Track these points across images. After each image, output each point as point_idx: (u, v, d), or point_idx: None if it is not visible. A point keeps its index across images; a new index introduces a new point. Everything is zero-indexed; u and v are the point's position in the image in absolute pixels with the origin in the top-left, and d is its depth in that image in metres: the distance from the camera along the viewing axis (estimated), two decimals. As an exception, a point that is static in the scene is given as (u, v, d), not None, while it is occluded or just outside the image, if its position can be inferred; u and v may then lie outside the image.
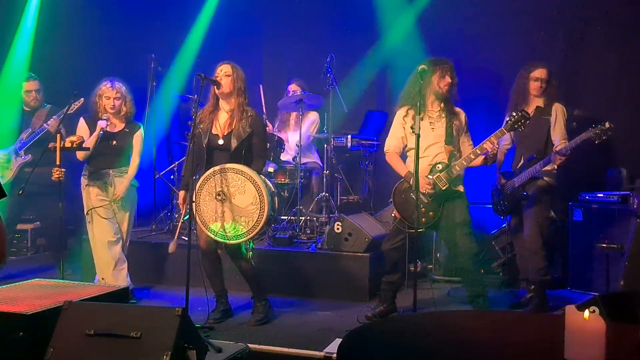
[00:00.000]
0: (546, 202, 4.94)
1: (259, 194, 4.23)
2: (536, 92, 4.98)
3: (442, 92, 4.48)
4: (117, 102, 5.00)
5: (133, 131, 5.10)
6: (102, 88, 5.03)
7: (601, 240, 5.27)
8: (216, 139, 4.47)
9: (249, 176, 4.26)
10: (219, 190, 4.30)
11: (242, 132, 4.42)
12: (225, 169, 4.31)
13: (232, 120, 4.47)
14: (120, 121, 5.10)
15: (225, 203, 4.30)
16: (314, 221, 6.14)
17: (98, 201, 5.03)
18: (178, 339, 2.90)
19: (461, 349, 1.94)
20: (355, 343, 1.99)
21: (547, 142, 4.93)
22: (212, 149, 4.48)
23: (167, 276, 5.73)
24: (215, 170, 4.34)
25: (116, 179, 5.04)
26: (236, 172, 4.29)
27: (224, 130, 4.48)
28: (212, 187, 4.33)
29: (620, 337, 1.90)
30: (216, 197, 4.31)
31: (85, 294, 3.51)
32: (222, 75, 4.46)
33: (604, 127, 4.51)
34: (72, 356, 2.92)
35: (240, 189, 4.27)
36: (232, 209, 4.28)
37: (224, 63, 4.53)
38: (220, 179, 4.31)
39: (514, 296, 5.31)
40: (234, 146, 4.40)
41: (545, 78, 4.96)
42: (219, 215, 4.31)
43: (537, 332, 2.13)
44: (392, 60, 6.86)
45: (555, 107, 4.96)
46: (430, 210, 4.43)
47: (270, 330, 4.44)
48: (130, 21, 7.50)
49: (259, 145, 4.53)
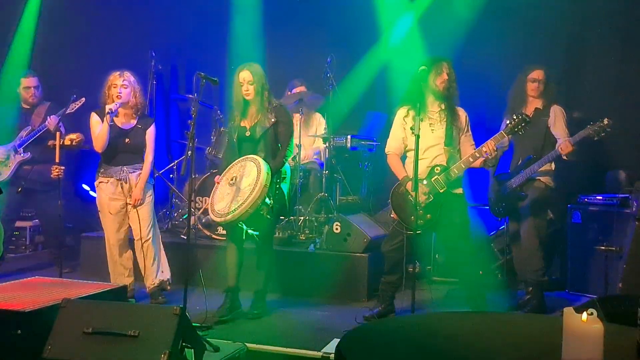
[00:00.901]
0: (543, 203, 4.96)
1: (257, 178, 4.39)
2: (534, 93, 5.00)
3: (439, 90, 4.46)
4: (125, 90, 4.86)
5: (145, 127, 4.99)
6: (110, 78, 4.91)
7: (600, 242, 5.28)
8: (244, 131, 4.72)
9: (257, 162, 4.48)
10: (233, 176, 4.56)
11: (266, 122, 4.66)
12: (246, 158, 4.59)
13: (258, 113, 4.70)
14: (131, 116, 4.96)
15: (233, 187, 4.52)
16: (312, 221, 6.14)
17: (111, 199, 4.90)
18: (176, 338, 2.90)
19: (459, 350, 1.94)
20: (353, 343, 1.99)
21: (544, 143, 4.94)
22: (241, 141, 4.74)
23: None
24: (239, 160, 4.62)
25: (130, 175, 4.90)
26: (251, 160, 4.54)
27: (251, 123, 4.71)
28: (231, 174, 4.59)
29: (618, 339, 1.90)
30: (229, 182, 4.56)
31: (83, 291, 3.52)
32: (246, 84, 4.65)
33: (602, 124, 4.52)
34: (70, 354, 2.92)
35: (247, 173, 4.51)
36: (235, 191, 4.49)
37: (244, 69, 4.67)
38: (239, 166, 4.58)
39: (512, 298, 5.30)
40: (259, 134, 4.64)
41: (542, 79, 4.99)
42: (224, 195, 4.54)
43: (535, 334, 2.13)
44: (392, 61, 6.86)
45: (554, 108, 4.98)
46: (428, 213, 4.42)
47: (268, 330, 4.43)
48: (130, 19, 7.50)
49: (285, 132, 4.73)
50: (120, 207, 4.91)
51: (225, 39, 7.53)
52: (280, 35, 7.46)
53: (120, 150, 4.90)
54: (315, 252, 5.59)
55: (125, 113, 4.94)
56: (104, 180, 4.91)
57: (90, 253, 5.82)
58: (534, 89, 5.00)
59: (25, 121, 6.09)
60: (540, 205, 4.92)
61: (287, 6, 7.54)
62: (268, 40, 7.61)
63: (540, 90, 4.99)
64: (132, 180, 4.91)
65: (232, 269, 4.71)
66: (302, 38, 7.39)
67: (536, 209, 4.90)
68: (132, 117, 4.97)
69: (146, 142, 4.98)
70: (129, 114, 4.95)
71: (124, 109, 4.92)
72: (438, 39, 6.37)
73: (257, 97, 4.68)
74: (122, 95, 4.83)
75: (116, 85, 4.86)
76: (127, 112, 4.94)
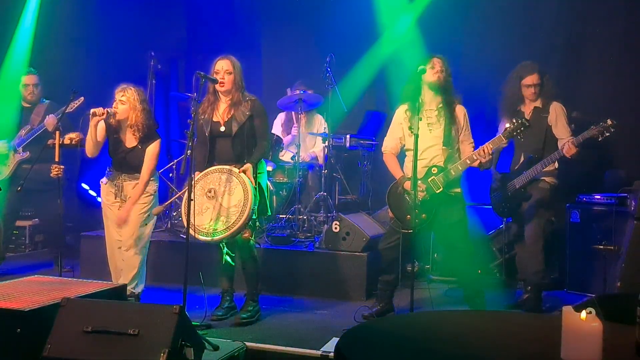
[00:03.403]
0: (548, 205, 4.94)
1: (245, 199, 4.27)
2: (531, 98, 5.01)
3: (434, 83, 4.43)
4: (122, 106, 4.68)
5: (145, 146, 4.74)
6: (116, 90, 4.77)
7: (599, 242, 5.28)
8: (218, 126, 4.53)
9: (242, 181, 4.31)
10: (210, 187, 4.38)
11: (242, 116, 4.50)
12: (222, 170, 4.38)
13: (232, 107, 4.54)
14: (133, 136, 4.74)
15: (212, 200, 4.36)
16: (312, 220, 6.14)
17: (107, 201, 4.86)
18: (175, 337, 2.91)
19: (458, 349, 1.95)
20: (352, 342, 2.00)
21: (545, 142, 4.93)
22: (214, 136, 4.55)
23: (165, 274, 5.72)
24: (214, 169, 4.41)
25: (125, 183, 4.77)
26: (231, 174, 4.35)
27: (224, 117, 4.54)
28: (207, 183, 4.40)
29: (616, 338, 1.90)
30: (207, 194, 4.37)
31: (83, 290, 3.52)
32: (223, 72, 4.48)
33: (606, 124, 4.52)
34: (70, 353, 2.93)
35: (230, 190, 4.33)
36: (216, 207, 4.34)
37: (223, 58, 4.54)
38: (217, 178, 4.38)
39: (510, 297, 5.31)
40: (235, 130, 4.47)
41: (538, 82, 4.97)
42: (202, 209, 4.36)
43: (534, 333, 2.13)
44: (392, 60, 6.87)
45: (554, 106, 4.96)
46: (423, 212, 4.42)
47: (267, 329, 4.44)
48: (130, 18, 7.49)
49: (261, 127, 4.58)
50: (112, 208, 4.84)
51: (225, 38, 7.54)
52: (280, 35, 7.47)
53: (121, 161, 4.79)
54: (314, 251, 5.59)
55: (127, 131, 4.79)
56: (104, 181, 4.90)
57: (90, 252, 5.82)
58: (530, 94, 4.99)
59: (25, 120, 6.10)
60: (545, 205, 4.90)
61: (287, 6, 7.54)
62: (268, 39, 7.62)
63: (536, 93, 4.99)
64: (126, 188, 4.78)
65: (224, 273, 4.72)
66: (302, 37, 7.40)
67: (541, 209, 4.89)
68: (134, 136, 4.75)
69: (144, 161, 4.74)
70: (130, 132, 4.77)
71: (126, 127, 4.76)
72: (437, 38, 6.37)
73: (232, 91, 4.52)
74: (118, 112, 4.68)
75: (115, 100, 4.73)
76: (129, 131, 4.78)
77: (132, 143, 4.76)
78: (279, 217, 6.17)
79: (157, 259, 5.73)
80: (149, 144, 4.74)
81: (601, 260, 5.20)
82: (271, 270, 5.39)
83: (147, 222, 4.79)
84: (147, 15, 7.55)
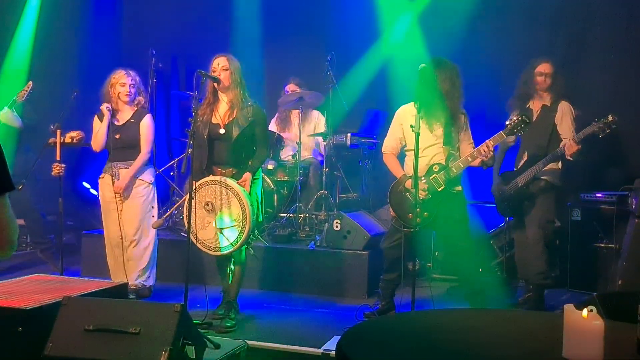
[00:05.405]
0: (550, 204, 4.91)
1: (243, 213, 4.24)
2: (541, 86, 4.96)
3: (444, 91, 4.42)
4: (133, 89, 4.82)
5: (139, 120, 4.87)
6: (115, 76, 4.84)
7: (600, 240, 5.27)
8: (217, 129, 4.41)
9: (236, 192, 4.26)
10: (207, 201, 4.31)
11: (243, 121, 4.39)
12: (215, 182, 4.31)
13: (233, 109, 4.44)
14: (128, 112, 4.90)
15: (211, 214, 4.31)
16: (313, 219, 6.14)
17: (105, 195, 4.88)
18: (177, 335, 2.91)
19: (459, 347, 1.95)
20: (353, 340, 2.00)
21: (550, 140, 4.89)
22: (213, 139, 4.43)
23: (166, 272, 5.72)
24: (209, 180, 4.33)
25: (121, 171, 4.82)
26: (226, 188, 4.28)
27: (224, 120, 4.43)
28: (202, 196, 4.32)
29: (618, 336, 1.90)
30: (205, 207, 4.31)
31: (84, 289, 3.52)
32: (219, 69, 4.42)
33: (607, 120, 4.50)
34: (71, 351, 2.93)
35: (227, 203, 4.28)
36: (217, 223, 4.30)
37: (220, 56, 4.48)
38: (211, 190, 4.31)
39: (512, 295, 5.31)
40: (235, 135, 4.38)
41: (550, 72, 4.94)
42: (204, 224, 4.33)
43: (535, 331, 2.13)
44: (392, 59, 6.87)
45: (562, 105, 4.92)
46: (425, 211, 4.41)
47: (268, 327, 4.44)
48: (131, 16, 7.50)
49: (261, 134, 4.51)
50: (111, 203, 4.86)
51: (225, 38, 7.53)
52: (281, 34, 7.46)
53: (112, 146, 4.84)
54: (315, 250, 5.59)
55: (124, 109, 4.88)
56: (101, 176, 4.92)
57: (91, 251, 5.83)
58: (541, 82, 4.94)
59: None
60: (547, 205, 4.88)
61: (288, 5, 7.54)
62: (268, 38, 7.61)
63: (547, 84, 4.94)
64: (122, 175, 4.82)
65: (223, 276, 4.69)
66: (303, 36, 7.39)
67: (543, 210, 4.86)
68: (129, 112, 4.88)
69: (140, 135, 4.85)
70: (127, 110, 4.87)
71: (128, 105, 4.86)
72: (438, 36, 6.37)
73: (231, 87, 4.43)
74: (132, 94, 4.79)
75: (124, 84, 4.79)
76: (126, 109, 4.88)
77: (124, 120, 4.87)
78: (280, 215, 6.17)
79: (159, 257, 5.73)
80: (141, 117, 4.89)
81: (602, 258, 5.20)
82: (272, 268, 5.40)
83: (149, 214, 4.82)
84: (147, 13, 7.55)
